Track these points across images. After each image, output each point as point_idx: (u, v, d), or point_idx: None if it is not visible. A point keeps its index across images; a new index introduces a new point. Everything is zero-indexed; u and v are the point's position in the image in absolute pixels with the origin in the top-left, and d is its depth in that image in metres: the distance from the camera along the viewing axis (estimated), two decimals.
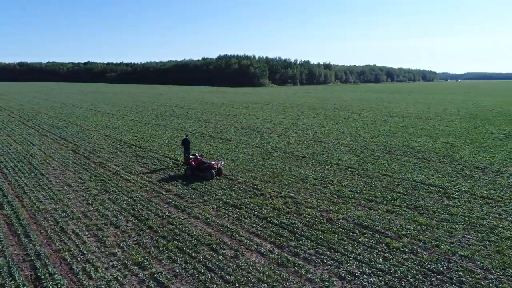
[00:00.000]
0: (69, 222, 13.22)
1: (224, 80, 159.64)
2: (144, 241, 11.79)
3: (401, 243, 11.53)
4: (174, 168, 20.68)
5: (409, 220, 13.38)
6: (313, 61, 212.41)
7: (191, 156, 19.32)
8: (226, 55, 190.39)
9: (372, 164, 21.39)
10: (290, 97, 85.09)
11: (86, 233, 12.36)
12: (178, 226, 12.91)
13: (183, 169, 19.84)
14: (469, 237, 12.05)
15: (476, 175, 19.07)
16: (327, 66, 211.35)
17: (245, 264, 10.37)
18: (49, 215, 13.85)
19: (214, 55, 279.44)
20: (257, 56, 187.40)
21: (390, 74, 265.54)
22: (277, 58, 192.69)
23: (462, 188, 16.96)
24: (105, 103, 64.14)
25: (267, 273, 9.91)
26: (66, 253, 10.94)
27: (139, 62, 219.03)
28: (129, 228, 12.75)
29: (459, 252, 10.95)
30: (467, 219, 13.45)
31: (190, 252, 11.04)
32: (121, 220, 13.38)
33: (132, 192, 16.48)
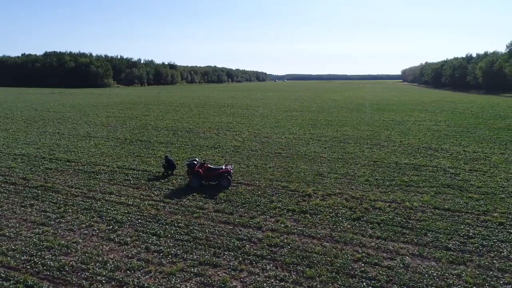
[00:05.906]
0: (139, 275, 8.64)
1: (59, 80, 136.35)
2: (284, 275, 8.77)
3: (497, 218, 12.14)
4: (164, 181, 16.29)
5: (464, 198, 14.26)
6: (158, 61, 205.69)
7: (194, 163, 15.59)
8: (56, 51, 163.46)
9: (348, 153, 21.96)
10: (158, 97, 79.44)
11: (188, 285, 8.32)
12: (291, 248, 10.13)
13: (187, 180, 15.91)
14: None
15: (439, 154, 21.93)
16: (172, 66, 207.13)
17: (431, 271, 8.98)
18: (86, 273, 8.73)
19: (38, 51, 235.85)
20: (94, 54, 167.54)
21: (230, 75, 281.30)
22: (119, 57, 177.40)
23: (448, 165, 19.20)
24: None
25: (463, 275, 8.82)
26: None
27: None
28: (236, 264, 9.24)
29: None
30: (496, 190, 15.23)
31: (361, 275, 8.82)
32: (206, 257, 9.60)
33: (159, 218, 12.11)
